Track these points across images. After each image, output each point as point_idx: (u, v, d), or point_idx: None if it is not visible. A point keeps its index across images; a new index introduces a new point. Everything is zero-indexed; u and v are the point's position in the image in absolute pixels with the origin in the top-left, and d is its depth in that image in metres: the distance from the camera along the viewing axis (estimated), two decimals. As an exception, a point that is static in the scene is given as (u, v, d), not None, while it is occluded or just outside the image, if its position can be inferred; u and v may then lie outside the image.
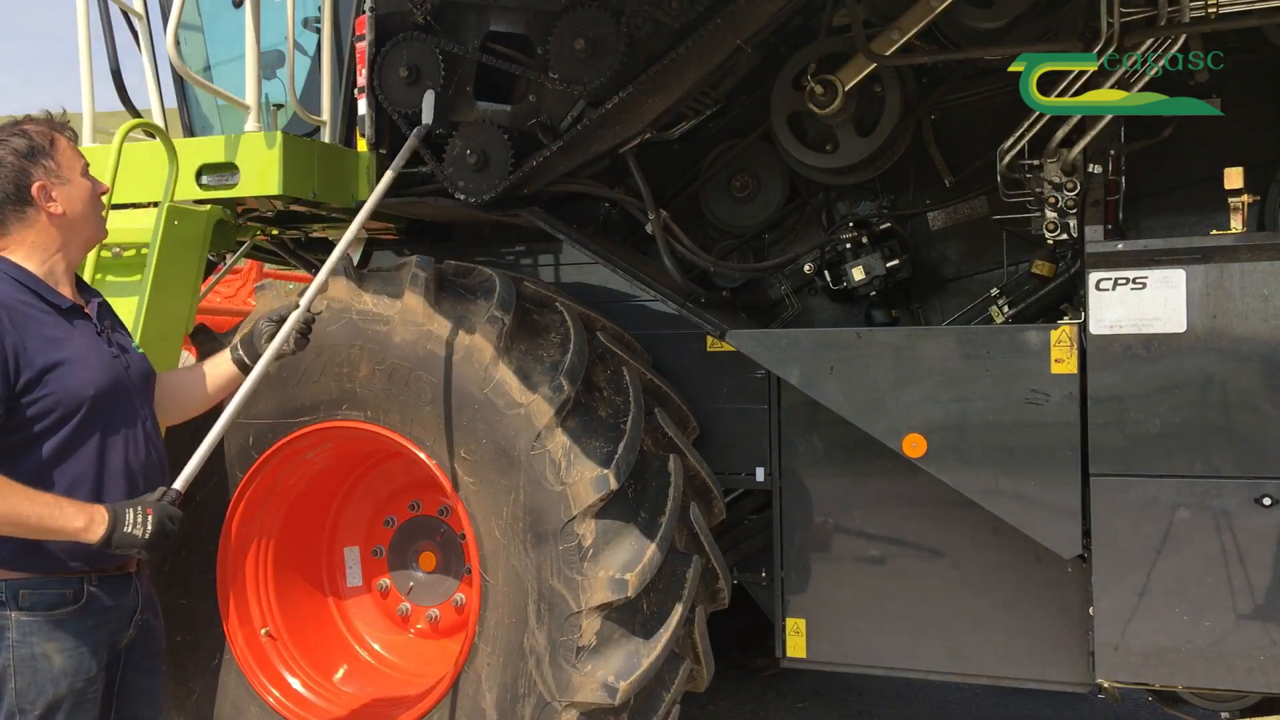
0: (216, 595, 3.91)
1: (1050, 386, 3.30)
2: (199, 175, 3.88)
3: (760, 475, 4.03)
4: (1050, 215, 3.56)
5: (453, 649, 3.82)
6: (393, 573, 4.23)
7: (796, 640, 3.94)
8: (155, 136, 3.88)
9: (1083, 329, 3.29)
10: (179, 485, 2.66)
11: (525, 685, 3.45)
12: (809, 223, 4.43)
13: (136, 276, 3.70)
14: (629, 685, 3.34)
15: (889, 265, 4.04)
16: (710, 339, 4.05)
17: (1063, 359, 3.30)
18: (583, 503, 3.39)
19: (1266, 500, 3.12)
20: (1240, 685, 3.21)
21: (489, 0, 3.90)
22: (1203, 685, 3.25)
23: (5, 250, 2.67)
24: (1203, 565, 3.18)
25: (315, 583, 4.20)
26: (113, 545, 2.46)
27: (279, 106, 4.47)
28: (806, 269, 4.26)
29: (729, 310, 4.23)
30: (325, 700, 3.95)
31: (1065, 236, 3.58)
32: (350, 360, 3.69)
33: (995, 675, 3.75)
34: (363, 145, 4.10)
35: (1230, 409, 3.14)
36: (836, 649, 3.91)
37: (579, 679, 3.37)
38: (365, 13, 4.02)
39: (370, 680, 4.10)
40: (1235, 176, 3.18)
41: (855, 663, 3.91)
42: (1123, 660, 3.27)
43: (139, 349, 2.89)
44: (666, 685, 3.58)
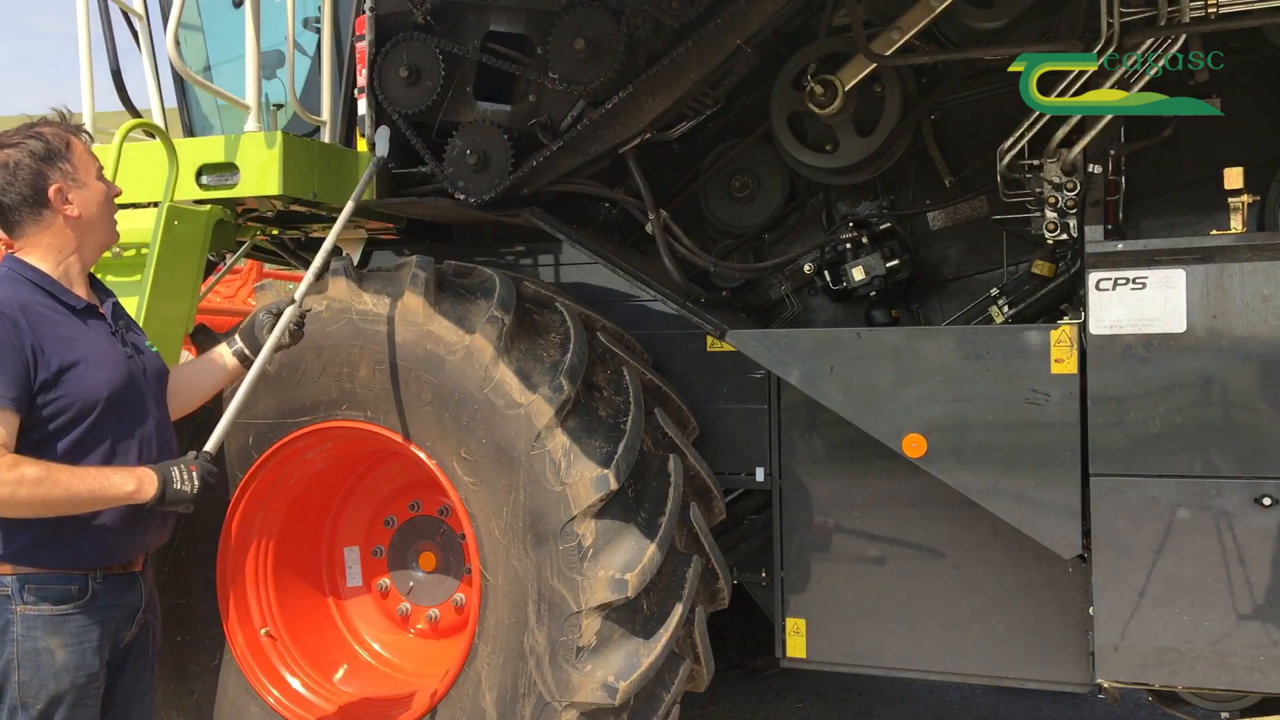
0: (216, 595, 3.91)
1: (1050, 386, 3.30)
2: (199, 175, 3.88)
3: (760, 475, 4.03)
4: (1050, 215, 3.56)
5: (453, 649, 3.82)
6: (393, 573, 4.23)
7: (796, 640, 3.94)
8: (155, 136, 3.88)
9: (1083, 329, 3.29)
10: (209, 448, 2.78)
11: (525, 685, 3.45)
12: (809, 223, 4.43)
13: (136, 276, 3.71)
14: (629, 685, 3.34)
15: (889, 265, 4.04)
16: (710, 339, 4.05)
17: (1063, 359, 3.30)
18: (583, 503, 3.39)
19: (1266, 500, 3.11)
20: (1240, 685, 3.21)
21: (489, 0, 3.91)
22: (1203, 685, 3.25)
23: (20, 251, 2.69)
24: (1203, 565, 3.18)
25: (315, 583, 4.20)
26: (166, 502, 2.59)
27: (279, 106, 4.47)
28: (806, 269, 4.26)
29: (729, 310, 4.23)
30: (325, 700, 3.94)
31: (1065, 236, 3.57)
32: (350, 360, 3.69)
33: (995, 675, 3.75)
34: (363, 145, 4.10)
35: (1230, 409, 3.14)
36: (836, 649, 3.91)
37: (579, 679, 3.37)
38: (365, 13, 4.02)
39: (370, 680, 4.10)
40: (1235, 176, 3.18)
41: (855, 663, 3.91)
42: (1123, 660, 3.27)
43: (152, 348, 2.92)
44: (666, 685, 3.58)
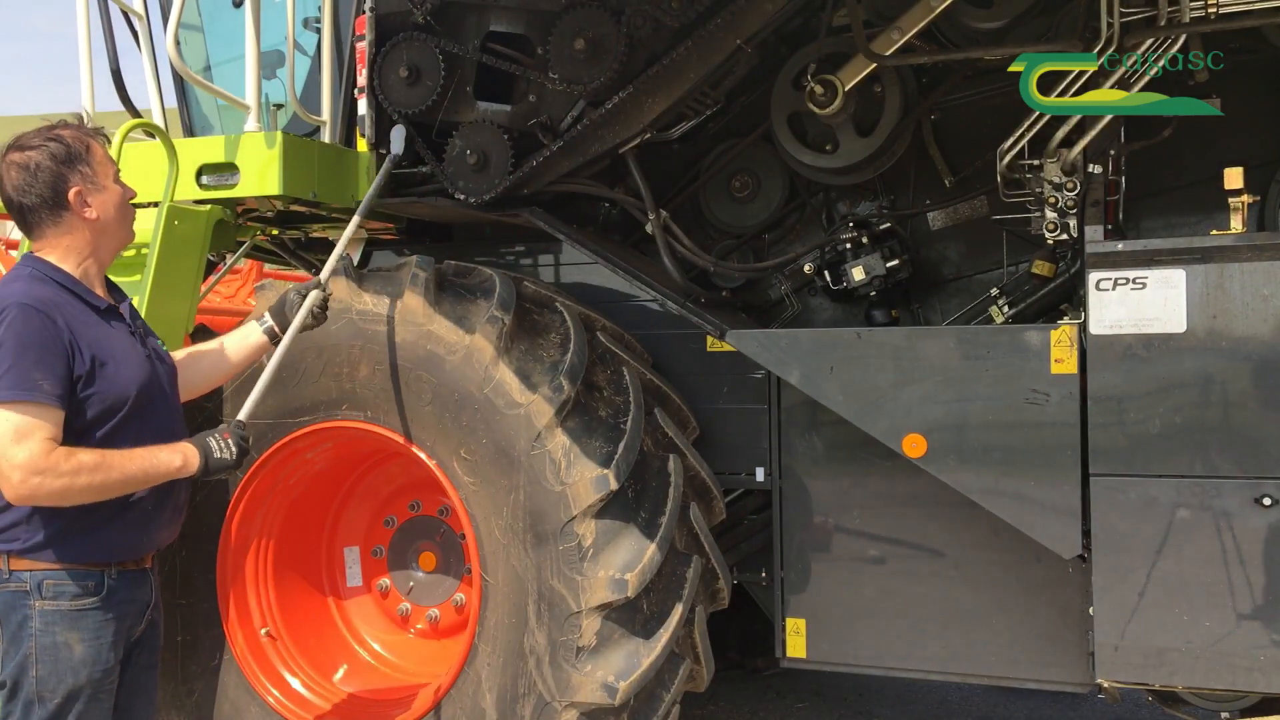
0: (216, 595, 3.91)
1: (1050, 386, 3.30)
2: (199, 175, 3.88)
3: (760, 475, 4.03)
4: (1050, 215, 3.56)
5: (453, 649, 3.83)
6: (393, 573, 4.23)
7: (796, 640, 3.94)
8: (155, 136, 3.88)
9: (1083, 329, 3.29)
10: (242, 416, 2.93)
11: (525, 685, 3.45)
12: (809, 223, 4.43)
13: (136, 276, 3.71)
14: (629, 685, 3.34)
15: (889, 265, 4.04)
16: (710, 339, 4.05)
17: (1063, 359, 3.30)
18: (583, 503, 3.39)
19: (1266, 500, 3.11)
20: (1240, 685, 3.21)
21: (489, 0, 3.91)
22: (1203, 685, 3.25)
23: (40, 252, 2.72)
24: (1203, 565, 3.18)
25: (315, 583, 4.20)
26: (210, 471, 2.72)
27: (279, 106, 4.47)
28: (806, 269, 4.26)
29: (729, 310, 4.23)
30: (325, 700, 3.94)
31: (1065, 236, 3.57)
32: (350, 360, 3.69)
33: (995, 675, 3.75)
34: (363, 145, 4.10)
35: (1230, 409, 3.14)
36: (836, 649, 3.91)
37: (579, 679, 3.37)
38: (365, 13, 4.02)
39: (370, 680, 4.11)
40: (1235, 176, 3.18)
41: (855, 663, 3.91)
42: (1123, 660, 3.27)
43: (164, 347, 2.96)
44: (666, 685, 3.58)
